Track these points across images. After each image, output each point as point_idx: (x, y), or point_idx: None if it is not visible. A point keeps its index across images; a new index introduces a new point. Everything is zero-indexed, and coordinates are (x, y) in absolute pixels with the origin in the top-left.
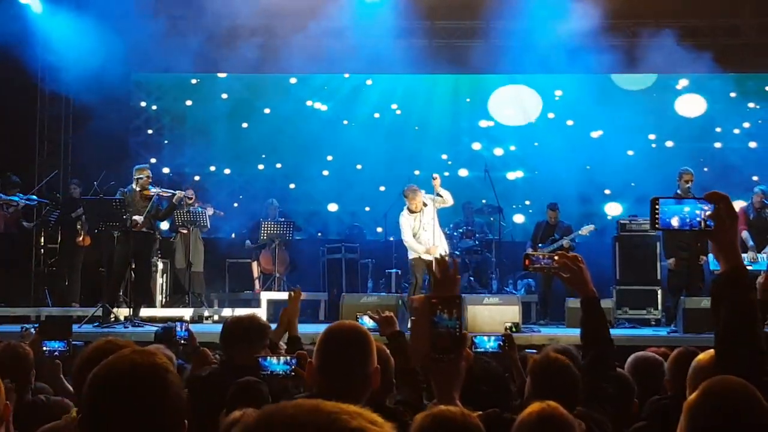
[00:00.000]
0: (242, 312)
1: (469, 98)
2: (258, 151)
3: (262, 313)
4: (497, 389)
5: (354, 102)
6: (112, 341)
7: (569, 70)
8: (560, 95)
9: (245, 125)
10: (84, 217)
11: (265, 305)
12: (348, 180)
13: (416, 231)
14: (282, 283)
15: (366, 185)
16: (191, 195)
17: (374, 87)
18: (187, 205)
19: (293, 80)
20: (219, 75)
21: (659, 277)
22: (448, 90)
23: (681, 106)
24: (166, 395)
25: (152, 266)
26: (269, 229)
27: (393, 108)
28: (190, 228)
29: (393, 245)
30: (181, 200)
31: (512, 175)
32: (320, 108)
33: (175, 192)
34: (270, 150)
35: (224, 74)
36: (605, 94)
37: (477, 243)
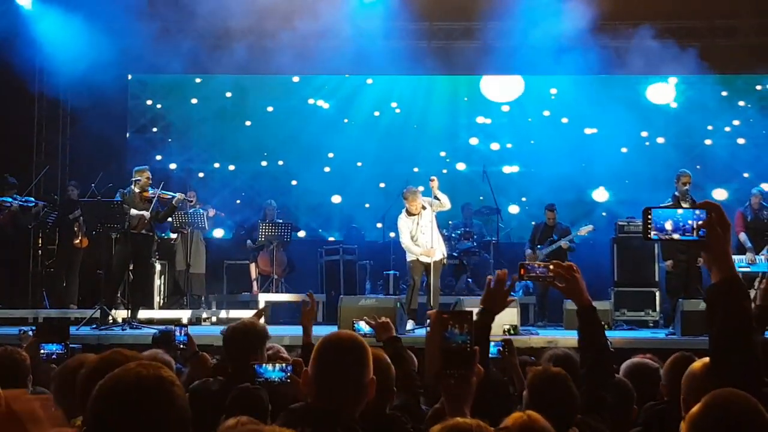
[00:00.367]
0: (240, 314)
1: (467, 97)
2: (261, 149)
3: None
4: (497, 395)
5: (354, 101)
6: (119, 352)
7: (564, 72)
8: (555, 93)
9: (248, 123)
10: (81, 219)
11: (263, 307)
12: (348, 177)
13: (414, 234)
14: (280, 285)
15: (366, 182)
16: (192, 197)
17: (374, 86)
18: (191, 207)
19: (296, 79)
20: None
21: (657, 279)
22: (447, 88)
23: (651, 94)
24: (172, 408)
25: (151, 268)
26: (267, 231)
27: (393, 106)
28: (188, 229)
29: (391, 246)
30: (181, 202)
31: (508, 169)
32: (322, 105)
33: (175, 194)
34: (273, 147)
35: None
36: (601, 93)
37: (475, 244)
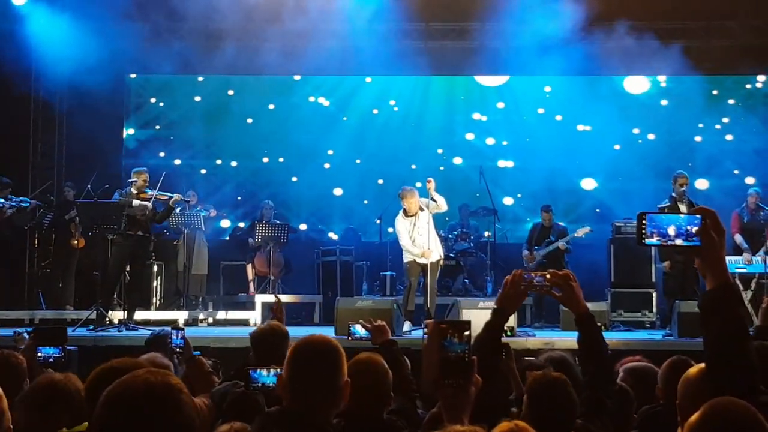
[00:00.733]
0: (237, 316)
1: (464, 96)
2: (262, 146)
3: (257, 316)
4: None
5: (353, 99)
6: (127, 360)
7: (560, 72)
8: (549, 91)
9: (250, 120)
10: (77, 219)
11: (260, 308)
12: (348, 173)
13: (411, 234)
14: (277, 286)
15: (364, 179)
16: (192, 198)
17: (373, 84)
18: (190, 207)
19: (297, 77)
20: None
21: (654, 280)
22: (444, 87)
23: (627, 85)
24: (180, 415)
25: (148, 269)
26: (263, 231)
27: (391, 104)
28: (185, 230)
29: (388, 247)
30: (178, 203)
31: (503, 163)
32: (323, 103)
33: (172, 195)
34: (274, 144)
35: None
36: (593, 91)
37: (472, 245)
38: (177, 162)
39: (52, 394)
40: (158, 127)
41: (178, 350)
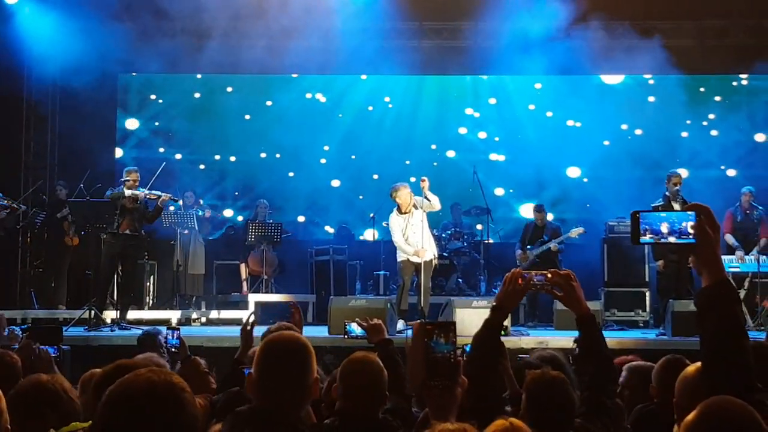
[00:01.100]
0: (230, 315)
1: (457, 93)
2: (260, 141)
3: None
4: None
5: (348, 95)
6: (131, 361)
7: (556, 72)
8: (539, 88)
9: (248, 117)
10: (70, 218)
11: (253, 307)
12: (343, 168)
13: (405, 232)
14: (270, 285)
15: (360, 174)
16: (189, 197)
17: (368, 81)
18: (185, 207)
19: (294, 74)
20: None
21: (647, 279)
22: (437, 84)
23: (604, 77)
24: (182, 414)
25: (140, 268)
26: (256, 231)
27: (386, 101)
28: (178, 230)
29: (381, 246)
30: (167, 202)
31: (494, 157)
32: (320, 99)
33: (161, 194)
34: (271, 140)
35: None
36: (583, 88)
37: (465, 244)
38: (178, 156)
39: (40, 395)
40: (158, 124)
41: (174, 350)
